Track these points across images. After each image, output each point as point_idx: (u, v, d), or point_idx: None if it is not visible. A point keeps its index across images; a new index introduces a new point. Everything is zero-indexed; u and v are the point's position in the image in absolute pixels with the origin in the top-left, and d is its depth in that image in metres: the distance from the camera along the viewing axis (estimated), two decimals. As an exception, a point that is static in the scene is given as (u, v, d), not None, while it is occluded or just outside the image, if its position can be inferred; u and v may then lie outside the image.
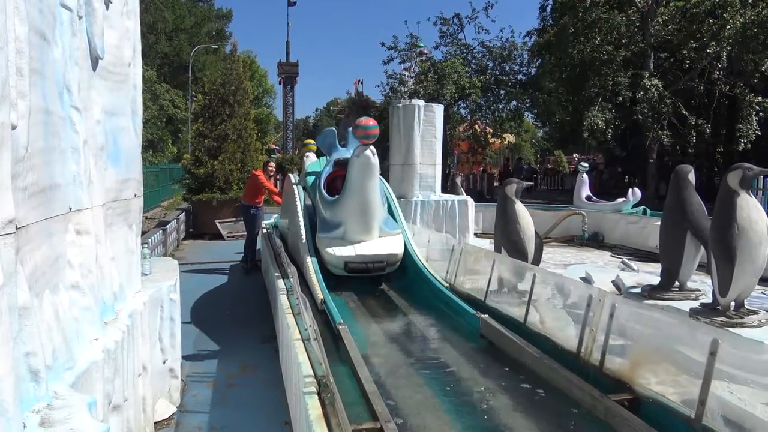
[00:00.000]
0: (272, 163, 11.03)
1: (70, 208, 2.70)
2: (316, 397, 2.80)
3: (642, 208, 12.32)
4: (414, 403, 3.42)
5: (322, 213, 6.63)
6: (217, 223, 14.23)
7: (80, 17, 2.93)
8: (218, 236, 14.12)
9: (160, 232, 10.80)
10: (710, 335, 2.82)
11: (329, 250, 6.18)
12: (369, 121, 6.10)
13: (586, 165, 15.14)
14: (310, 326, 3.35)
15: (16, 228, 1.89)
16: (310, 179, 7.54)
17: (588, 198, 13.43)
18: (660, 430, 2.83)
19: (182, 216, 14.16)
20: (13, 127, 1.93)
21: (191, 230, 14.90)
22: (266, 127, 44.18)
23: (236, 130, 15.30)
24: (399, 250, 6.35)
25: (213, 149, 15.08)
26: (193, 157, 15.57)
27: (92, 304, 2.82)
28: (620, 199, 12.96)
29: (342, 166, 6.78)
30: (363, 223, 6.22)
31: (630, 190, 12.84)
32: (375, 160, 6.01)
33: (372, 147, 6.04)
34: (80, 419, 1.98)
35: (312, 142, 11.96)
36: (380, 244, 6.27)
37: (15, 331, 1.87)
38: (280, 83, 53.08)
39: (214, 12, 46.59)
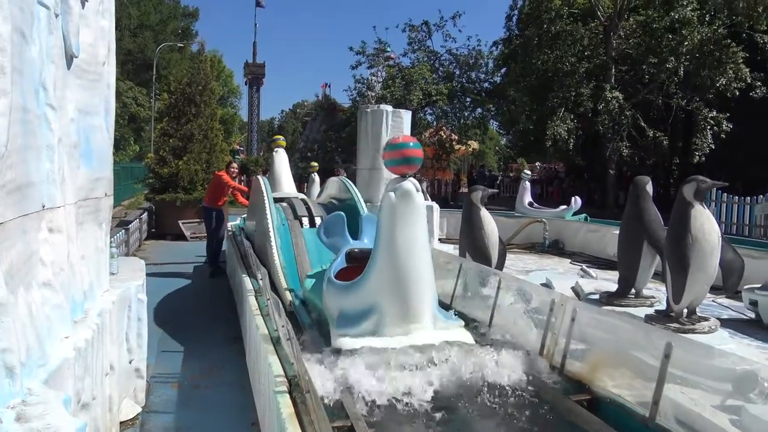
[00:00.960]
0: (234, 164, 10.94)
1: (44, 206, 2.70)
2: (288, 395, 2.84)
3: (583, 215, 12.90)
4: (379, 404, 3.48)
5: (338, 305, 4.31)
6: (181, 224, 14.08)
7: (57, 15, 2.93)
8: (181, 237, 13.96)
9: (123, 231, 10.62)
10: (665, 339, 2.97)
11: (359, 344, 3.85)
12: (408, 139, 4.34)
13: (529, 173, 16.62)
14: (283, 326, 3.38)
15: (-3, 225, 1.90)
16: (309, 282, 5.36)
17: (530, 204, 14.19)
18: (617, 429, 2.96)
19: (144, 215, 13.95)
20: (-5, 125, 1.95)
21: (153, 230, 14.69)
22: (231, 127, 43.83)
23: (202, 130, 15.13)
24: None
25: (178, 149, 14.87)
26: (158, 156, 15.34)
27: (63, 303, 2.82)
28: (562, 207, 13.66)
29: (358, 261, 4.64)
30: (406, 298, 3.91)
31: (573, 198, 13.44)
32: (419, 198, 3.99)
33: (413, 179, 4.05)
34: (57, 415, 1.99)
35: (281, 137, 12.02)
36: (437, 334, 3.97)
37: (-7, 327, 1.89)
38: (246, 84, 52.64)
39: (181, 10, 46.11)
